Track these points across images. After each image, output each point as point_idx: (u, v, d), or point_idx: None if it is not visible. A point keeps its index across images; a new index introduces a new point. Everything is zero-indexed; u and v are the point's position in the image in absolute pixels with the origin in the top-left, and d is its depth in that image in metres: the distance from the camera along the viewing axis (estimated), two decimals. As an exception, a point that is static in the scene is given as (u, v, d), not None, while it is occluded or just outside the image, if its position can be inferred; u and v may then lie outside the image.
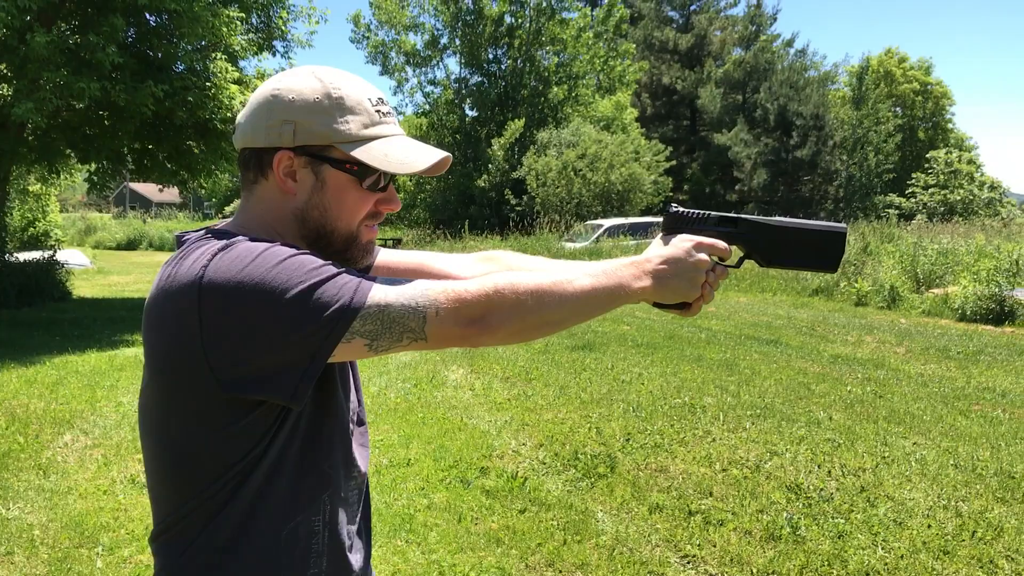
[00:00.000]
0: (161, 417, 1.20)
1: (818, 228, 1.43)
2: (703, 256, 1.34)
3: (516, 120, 32.38)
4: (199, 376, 1.10)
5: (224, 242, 1.14)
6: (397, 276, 1.41)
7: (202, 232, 1.22)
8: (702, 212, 1.42)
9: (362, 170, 1.23)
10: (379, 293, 1.12)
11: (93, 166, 14.04)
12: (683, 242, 1.35)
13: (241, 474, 1.17)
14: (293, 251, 1.13)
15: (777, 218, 1.44)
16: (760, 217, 1.44)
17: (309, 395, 1.18)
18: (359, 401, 1.40)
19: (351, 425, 1.36)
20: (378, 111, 1.26)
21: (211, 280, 1.08)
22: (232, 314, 1.08)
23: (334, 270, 1.12)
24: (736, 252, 1.45)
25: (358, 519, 1.38)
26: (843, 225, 1.43)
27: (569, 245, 21.99)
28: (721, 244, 1.38)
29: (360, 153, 1.21)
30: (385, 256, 1.53)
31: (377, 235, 1.35)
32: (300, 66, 1.29)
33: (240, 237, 1.16)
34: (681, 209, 1.43)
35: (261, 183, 1.25)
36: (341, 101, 1.22)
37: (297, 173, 1.23)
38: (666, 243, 1.37)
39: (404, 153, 1.25)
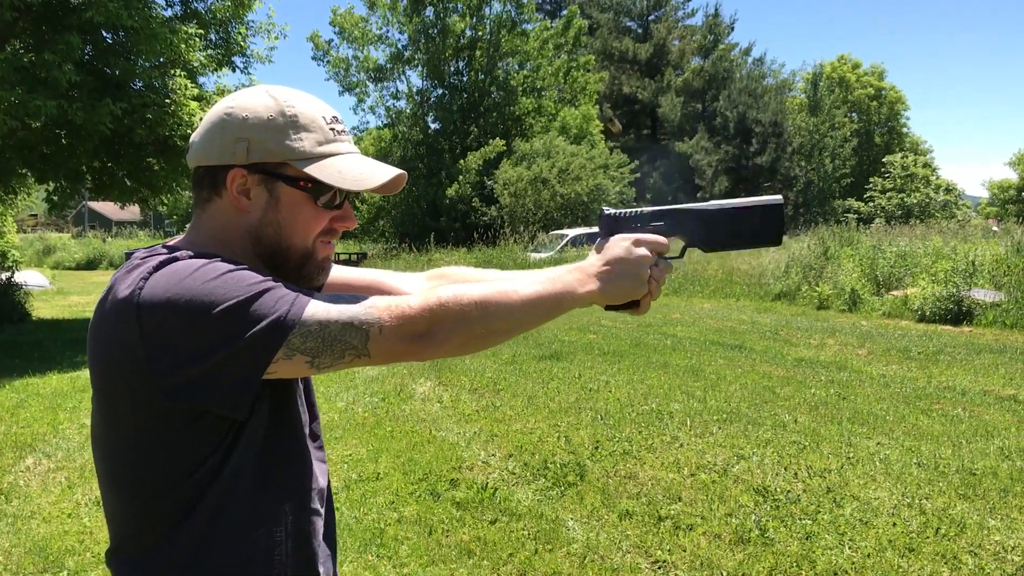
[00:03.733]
0: (110, 432, 1.20)
1: (753, 204, 1.42)
2: (644, 252, 1.35)
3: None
4: (142, 387, 1.11)
5: (165, 257, 1.15)
6: (350, 293, 1.42)
7: (153, 248, 1.23)
8: (636, 210, 1.43)
9: (316, 187, 1.24)
10: (320, 310, 1.13)
11: (51, 185, 13.84)
12: (622, 241, 1.36)
13: (197, 487, 1.17)
14: (232, 266, 1.13)
15: (711, 202, 1.44)
16: (694, 204, 1.44)
17: (264, 408, 1.20)
18: (313, 416, 1.40)
19: (307, 439, 1.36)
20: (332, 129, 1.26)
21: (149, 293, 1.10)
22: (169, 325, 1.08)
23: (272, 285, 1.13)
24: (677, 243, 1.45)
25: (322, 530, 1.38)
26: (778, 197, 1.42)
27: (535, 255, 22.08)
28: (659, 238, 1.39)
29: (314, 170, 1.22)
30: (338, 273, 1.54)
31: (333, 251, 1.35)
32: (255, 85, 1.30)
33: (185, 252, 1.17)
34: (615, 211, 1.43)
35: (215, 201, 1.25)
36: (295, 119, 1.22)
37: (251, 191, 1.23)
38: (604, 246, 1.37)
39: (358, 170, 1.25)
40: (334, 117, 1.28)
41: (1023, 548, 4.05)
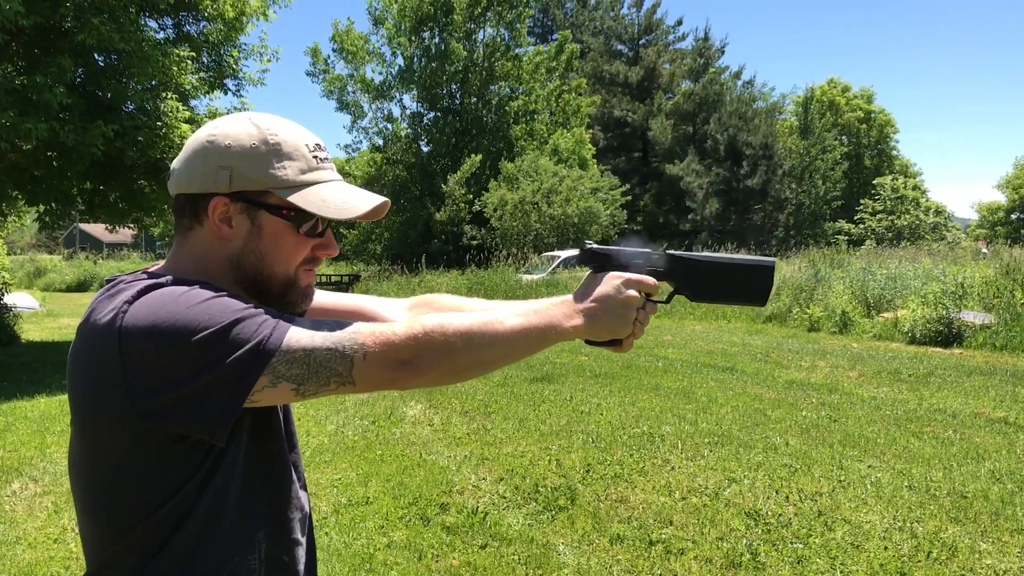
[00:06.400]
0: (87, 458, 1.19)
1: (746, 262, 1.45)
2: (633, 293, 1.36)
3: (473, 156, 32.47)
4: (120, 412, 1.10)
5: (148, 283, 1.15)
6: (332, 319, 1.42)
7: (136, 273, 1.22)
8: (631, 249, 1.44)
9: (299, 216, 1.24)
10: (304, 336, 1.13)
11: (42, 208, 13.82)
12: (613, 279, 1.37)
13: (174, 515, 1.16)
14: (214, 293, 1.13)
15: (705, 253, 1.47)
16: (688, 253, 1.46)
17: (243, 435, 1.19)
18: (292, 446, 1.39)
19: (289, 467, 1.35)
20: (315, 157, 1.26)
21: (131, 319, 1.09)
22: (151, 351, 1.08)
23: (254, 311, 1.13)
24: (665, 288, 1.47)
25: (303, 559, 1.37)
26: (771, 259, 1.45)
27: (526, 277, 22.04)
28: (650, 280, 1.40)
29: (297, 199, 1.22)
30: (321, 299, 1.54)
31: (315, 278, 1.35)
32: (236, 113, 1.30)
33: (167, 278, 1.17)
34: (608, 247, 1.44)
35: (196, 229, 1.25)
36: (278, 147, 1.22)
37: (233, 219, 1.22)
38: (595, 281, 1.38)
39: (342, 198, 1.25)
40: (317, 145, 1.28)
41: (1015, 572, 4.04)
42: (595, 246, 1.45)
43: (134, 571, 1.17)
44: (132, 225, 14.84)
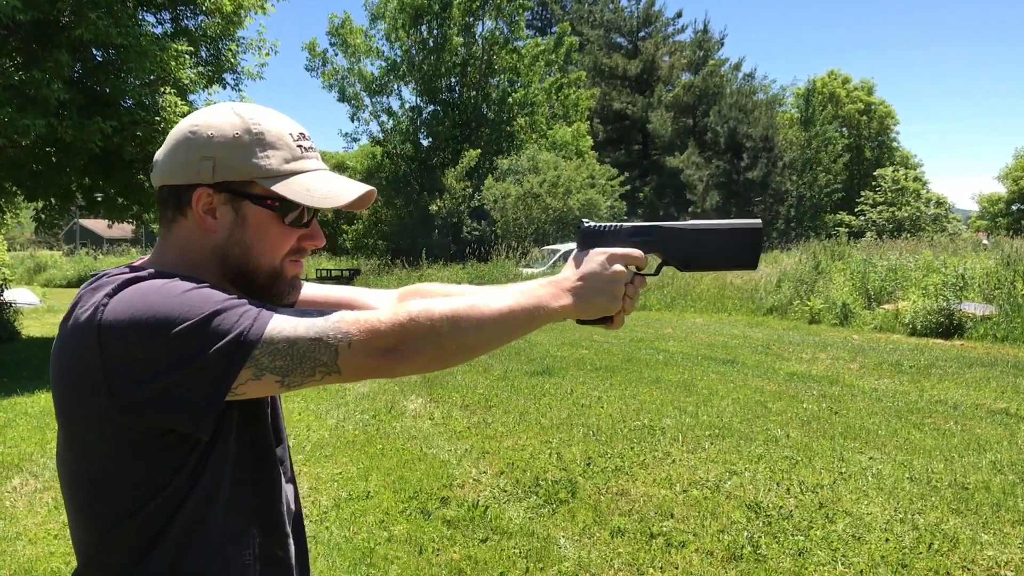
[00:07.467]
0: (72, 455, 1.18)
1: (731, 226, 1.41)
2: (619, 267, 1.33)
3: (472, 150, 32.43)
4: (102, 406, 1.08)
5: (129, 276, 1.13)
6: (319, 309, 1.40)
7: (120, 268, 1.21)
8: (614, 224, 1.41)
9: (284, 206, 1.22)
10: (287, 326, 1.11)
11: (40, 204, 13.79)
12: (597, 256, 1.34)
13: (164, 511, 1.14)
14: (195, 284, 1.12)
15: (690, 221, 1.43)
16: (673, 222, 1.43)
17: (231, 429, 1.18)
18: (279, 440, 1.37)
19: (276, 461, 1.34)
20: (300, 146, 1.24)
21: (111, 312, 1.08)
22: (131, 344, 1.06)
23: (236, 302, 1.11)
24: (653, 260, 1.44)
25: (294, 553, 1.36)
26: (757, 220, 1.42)
27: (526, 271, 22.03)
28: (636, 253, 1.37)
29: (281, 188, 1.20)
30: (310, 291, 1.52)
31: (303, 269, 1.33)
32: (219, 103, 1.28)
33: (148, 271, 1.16)
34: (593, 224, 1.41)
35: (180, 221, 1.23)
36: (261, 136, 1.20)
37: (217, 210, 1.21)
38: (581, 260, 1.36)
39: (327, 187, 1.23)
40: (301, 134, 1.26)
41: (1016, 563, 4.04)
42: (587, 223, 1.42)
43: (125, 567, 1.16)
44: (132, 220, 14.79)
